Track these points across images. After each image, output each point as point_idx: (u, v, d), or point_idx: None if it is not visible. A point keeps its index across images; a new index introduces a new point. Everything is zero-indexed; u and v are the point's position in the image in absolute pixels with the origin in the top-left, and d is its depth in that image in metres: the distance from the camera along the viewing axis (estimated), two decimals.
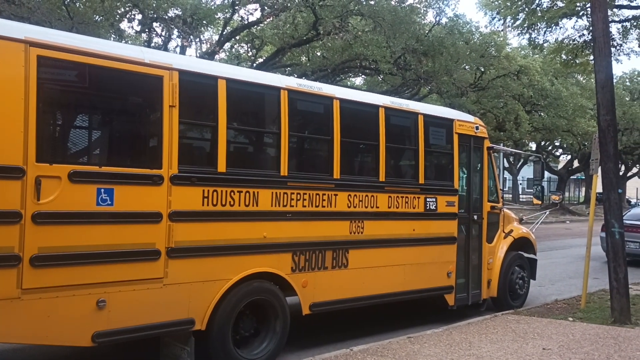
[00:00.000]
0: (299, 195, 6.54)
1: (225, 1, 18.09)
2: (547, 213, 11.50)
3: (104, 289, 5.15)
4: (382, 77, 24.02)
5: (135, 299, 5.35)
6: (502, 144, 29.99)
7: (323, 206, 6.79)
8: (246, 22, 19.27)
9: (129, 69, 5.35)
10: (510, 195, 46.37)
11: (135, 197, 5.34)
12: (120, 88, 5.50)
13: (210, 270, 5.86)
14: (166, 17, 16.36)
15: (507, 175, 48.36)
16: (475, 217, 8.85)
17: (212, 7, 17.68)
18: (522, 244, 9.79)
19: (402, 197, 7.67)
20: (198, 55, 19.02)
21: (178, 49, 19.14)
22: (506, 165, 44.05)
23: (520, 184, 51.26)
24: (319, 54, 22.56)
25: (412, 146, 7.99)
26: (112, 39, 16.68)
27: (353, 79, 29.52)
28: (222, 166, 5.90)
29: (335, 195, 6.91)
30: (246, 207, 6.09)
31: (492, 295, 9.13)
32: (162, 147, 5.49)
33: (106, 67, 5.21)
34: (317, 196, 6.73)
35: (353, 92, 7.66)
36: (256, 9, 18.93)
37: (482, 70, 25.40)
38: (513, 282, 9.39)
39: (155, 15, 16.41)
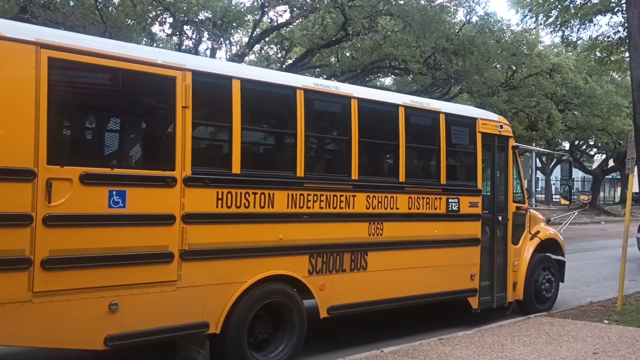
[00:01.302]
0: (315, 197, 6.43)
1: (255, 3, 18.18)
2: (576, 213, 11.19)
3: (116, 292, 5.11)
4: (411, 77, 23.87)
5: (148, 302, 5.30)
6: (534, 144, 29.47)
7: (341, 207, 6.67)
8: (275, 24, 19.33)
9: (142, 70, 5.31)
10: (543, 196, 45.53)
11: (147, 199, 5.29)
12: (132, 89, 5.47)
13: (225, 273, 5.79)
14: (196, 20, 16.47)
15: (539, 175, 47.49)
16: (500, 218, 8.62)
17: (242, 10, 17.77)
18: (550, 246, 9.50)
19: (423, 198, 7.51)
20: (228, 57, 19.14)
21: (208, 52, 19.30)
22: (539, 164, 43.27)
23: (554, 184, 50.32)
24: (348, 54, 22.51)
25: (434, 146, 7.81)
26: (144, 42, 16.89)
27: (382, 79, 29.36)
28: (236, 167, 5.83)
29: (354, 196, 6.79)
30: (261, 208, 6.01)
31: (517, 298, 8.88)
32: (175, 149, 5.43)
33: (118, 68, 5.18)
34: (335, 197, 6.61)
35: (372, 91, 7.54)
36: (285, 11, 18.94)
37: (514, 69, 24.98)
38: (540, 285, 9.14)
39: (185, 18, 16.54)
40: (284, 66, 20.89)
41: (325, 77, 21.25)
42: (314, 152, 6.87)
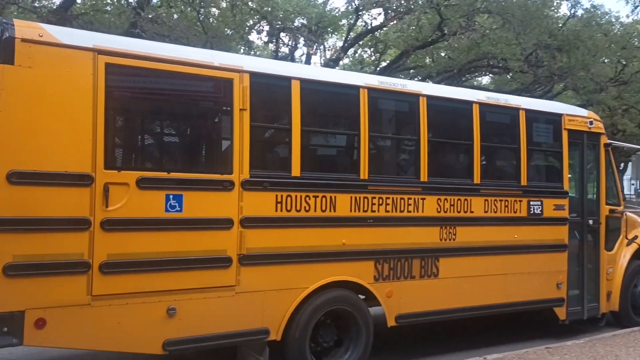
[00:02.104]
0: (381, 200, 6.17)
1: (349, 7, 18.31)
2: None
3: (174, 297, 5.10)
4: (511, 75, 22.96)
5: (207, 307, 5.25)
6: None
7: (409, 211, 6.37)
8: (370, 27, 19.34)
9: (198, 72, 5.28)
10: None
11: (205, 203, 5.25)
12: (189, 93, 5.43)
13: (285, 278, 5.65)
14: (292, 27, 16.73)
15: None
16: (591, 221, 7.97)
17: (337, 15, 17.95)
18: None
19: (500, 200, 7.05)
20: (322, 62, 19.38)
21: (304, 57, 19.59)
22: None
23: None
24: (443, 54, 21.99)
25: (513, 145, 7.32)
26: (241, 50, 17.41)
27: (479, 79, 28.51)
28: (296, 170, 5.68)
29: (423, 199, 6.46)
30: (323, 212, 5.83)
31: (612, 309, 8.18)
32: (232, 152, 5.36)
33: (175, 72, 5.18)
34: (402, 200, 6.32)
35: (443, 88, 7.16)
36: (380, 13, 19.01)
37: (624, 63, 23.46)
38: (638, 295, 8.37)
39: (282, 26, 16.84)
40: (377, 69, 20.78)
41: (419, 78, 20.99)
42: (380, 153, 6.62)
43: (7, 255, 4.46)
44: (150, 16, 14.11)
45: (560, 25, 19.53)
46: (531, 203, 7.32)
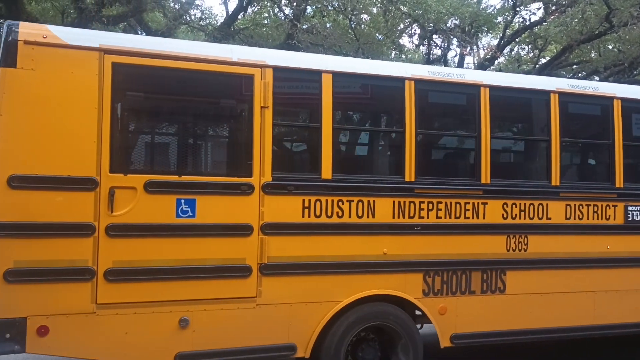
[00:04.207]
0: (430, 205, 5.46)
1: (506, 4, 17.52)
2: None
3: (187, 307, 4.80)
4: None
5: (224, 319, 4.90)
6: None
7: (466, 217, 5.58)
8: (528, 23, 18.31)
9: (214, 69, 4.94)
10: None
11: (220, 208, 4.90)
12: (204, 91, 5.12)
13: (315, 291, 5.15)
14: (445, 28, 16.27)
15: None
16: None
17: (492, 12, 17.21)
18: None
19: (587, 205, 6.01)
20: (476, 62, 18.69)
21: (457, 59, 19.18)
22: None
23: None
24: (611, 47, 20.16)
25: (604, 140, 6.22)
26: (393, 54, 17.25)
27: None
28: (326, 172, 5.15)
29: (484, 203, 5.64)
30: (359, 218, 5.25)
31: None
32: (252, 153, 4.95)
33: (188, 69, 4.87)
34: (458, 205, 5.55)
35: (511, 77, 6.20)
36: (539, 8, 17.97)
37: None
38: None
39: (434, 28, 16.44)
40: (536, 66, 19.56)
41: (584, 74, 19.53)
42: (429, 152, 5.89)
43: (8, 261, 4.39)
44: (305, 27, 14.39)
45: None
46: (629, 208, 6.18)
